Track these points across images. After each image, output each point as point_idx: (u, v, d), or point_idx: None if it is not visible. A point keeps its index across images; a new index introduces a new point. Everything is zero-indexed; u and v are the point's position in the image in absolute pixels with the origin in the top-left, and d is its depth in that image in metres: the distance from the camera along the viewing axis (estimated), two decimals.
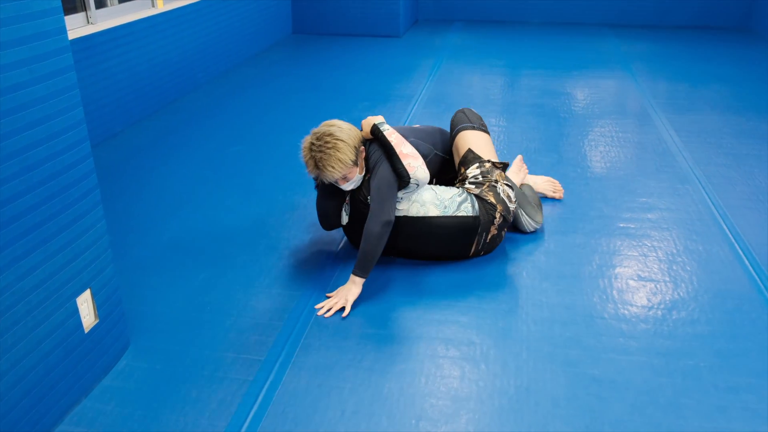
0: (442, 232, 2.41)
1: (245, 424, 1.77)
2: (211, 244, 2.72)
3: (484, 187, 2.48)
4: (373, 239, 2.23)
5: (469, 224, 2.40)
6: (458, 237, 2.43)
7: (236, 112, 4.45)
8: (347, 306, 2.25)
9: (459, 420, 1.78)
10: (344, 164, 2.25)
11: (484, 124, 2.75)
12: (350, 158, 2.27)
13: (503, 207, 2.45)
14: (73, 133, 1.68)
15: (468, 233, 2.42)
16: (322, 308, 2.26)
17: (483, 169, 2.53)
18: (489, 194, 2.45)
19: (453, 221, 2.39)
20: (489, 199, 2.43)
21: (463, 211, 2.40)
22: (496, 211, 2.43)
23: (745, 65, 5.54)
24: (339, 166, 2.25)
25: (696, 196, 3.09)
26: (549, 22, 7.58)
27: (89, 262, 1.82)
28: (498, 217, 2.44)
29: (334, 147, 2.24)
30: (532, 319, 2.21)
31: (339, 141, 2.25)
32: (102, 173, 3.42)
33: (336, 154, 2.23)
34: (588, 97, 4.70)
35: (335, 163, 2.24)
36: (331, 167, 2.24)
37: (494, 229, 2.45)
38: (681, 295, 2.33)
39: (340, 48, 6.34)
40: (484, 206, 2.42)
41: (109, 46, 3.91)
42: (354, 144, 2.29)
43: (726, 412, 1.80)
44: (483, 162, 2.56)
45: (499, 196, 2.46)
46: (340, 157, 2.24)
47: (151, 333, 2.16)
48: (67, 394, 1.80)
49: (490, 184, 2.48)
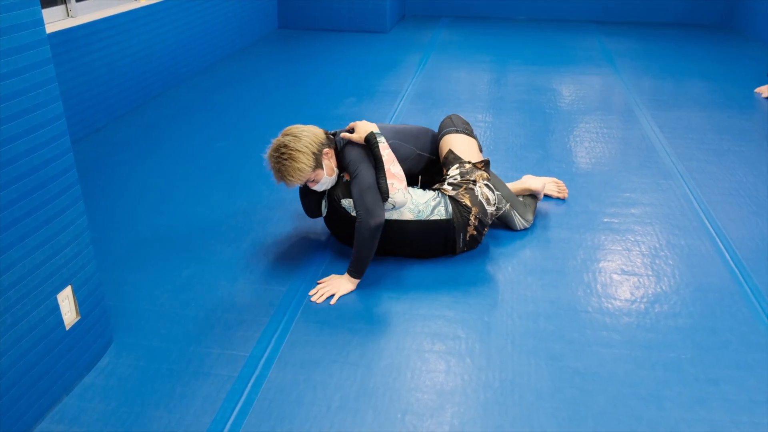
0: (416, 236, 2.43)
1: (230, 420, 1.77)
2: (196, 239, 2.70)
3: (461, 189, 2.47)
4: (366, 242, 2.29)
5: (442, 227, 2.42)
6: (434, 239, 2.45)
7: (221, 108, 4.42)
8: (336, 296, 2.30)
9: (444, 414, 1.79)
10: (303, 172, 2.30)
11: (470, 128, 2.76)
12: (308, 166, 2.31)
13: (479, 209, 2.44)
14: (52, 128, 1.66)
15: (443, 235, 2.44)
16: (315, 294, 2.32)
17: (462, 170, 2.53)
18: (465, 197, 2.44)
19: (426, 225, 2.42)
20: (464, 202, 2.43)
21: (436, 215, 2.41)
22: (471, 214, 2.42)
23: (727, 62, 5.60)
24: (298, 175, 2.30)
25: (678, 192, 3.12)
26: (535, 18, 7.60)
27: (70, 258, 1.80)
28: (473, 219, 2.43)
29: (290, 158, 2.28)
30: (517, 313, 2.22)
31: (294, 152, 2.28)
32: (84, 169, 3.39)
33: (293, 164, 2.28)
34: (573, 94, 4.72)
35: (294, 172, 2.29)
36: (291, 177, 2.30)
37: (471, 229, 2.45)
38: (663, 289, 2.35)
39: (326, 43, 6.32)
40: (458, 208, 2.42)
41: (91, 39, 3.86)
42: (312, 150, 2.31)
43: (706, 404, 1.82)
44: (463, 163, 2.56)
45: (476, 198, 2.45)
46: (297, 166, 2.28)
47: (134, 329, 2.15)
48: (48, 391, 1.78)
49: (468, 186, 2.47)
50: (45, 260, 1.69)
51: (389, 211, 2.40)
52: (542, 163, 3.44)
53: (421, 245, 2.47)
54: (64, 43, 3.63)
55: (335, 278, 2.37)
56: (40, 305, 1.70)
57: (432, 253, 2.52)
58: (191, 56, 5.14)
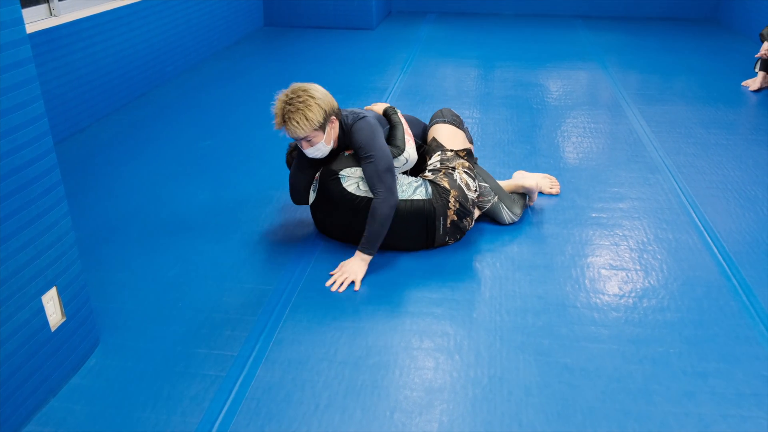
0: (397, 219, 2.40)
1: (218, 420, 1.75)
2: (182, 239, 2.68)
3: (440, 173, 2.53)
4: (383, 220, 2.32)
5: (423, 208, 2.43)
6: (415, 225, 2.45)
7: (207, 106, 4.39)
8: (357, 281, 2.32)
9: (433, 411, 1.79)
10: (310, 123, 2.27)
11: (459, 120, 2.79)
12: (318, 119, 2.28)
13: (458, 192, 2.47)
14: (33, 128, 1.64)
15: (424, 218, 2.44)
16: (333, 284, 2.33)
17: (443, 157, 2.60)
18: (443, 180, 2.49)
19: (409, 206, 2.43)
20: (442, 184, 2.47)
21: (418, 195, 2.45)
22: (450, 195, 2.45)
23: (713, 56, 5.63)
24: (304, 124, 2.26)
25: (666, 186, 3.13)
26: (522, 14, 7.61)
27: (54, 259, 1.78)
28: (452, 201, 2.45)
29: (305, 103, 2.25)
30: (505, 309, 2.22)
31: (312, 99, 2.26)
32: (68, 169, 3.36)
33: (305, 111, 2.25)
34: (560, 89, 4.73)
35: (301, 119, 2.26)
36: (296, 122, 2.26)
37: (452, 214, 2.46)
38: (651, 283, 2.36)
39: (312, 41, 6.30)
40: (437, 190, 2.46)
41: (74, 39, 3.82)
42: (326, 108, 2.30)
43: (694, 397, 1.82)
44: (445, 150, 2.62)
45: (454, 182, 2.49)
46: (308, 115, 2.25)
47: (121, 330, 2.13)
48: (34, 394, 1.76)
49: (447, 171, 2.53)
50: (28, 262, 1.67)
51: (398, 169, 2.49)
52: (530, 158, 3.45)
53: (402, 231, 2.45)
54: (46, 42, 3.59)
55: (347, 264, 2.37)
56: (24, 307, 1.68)
57: (412, 242, 2.52)
58: (176, 55, 5.10)
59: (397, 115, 2.61)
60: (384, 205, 2.32)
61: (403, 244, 2.53)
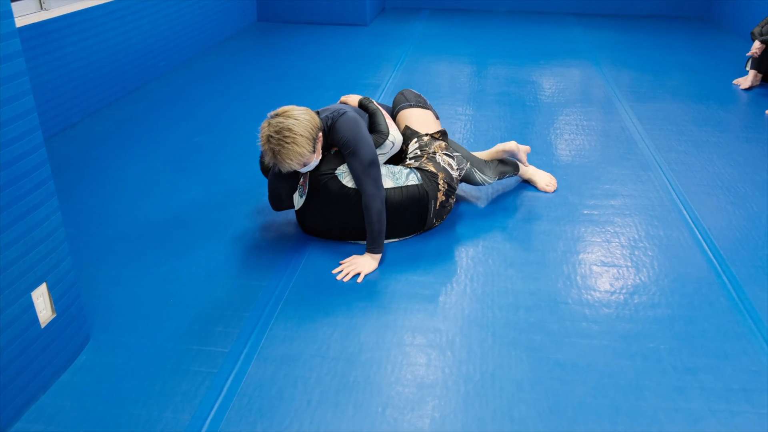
0: (394, 207, 2.47)
1: (210, 417, 1.75)
2: (174, 235, 2.67)
3: (423, 159, 2.59)
4: (378, 216, 2.38)
5: (417, 193, 2.49)
6: (409, 210, 2.51)
7: (200, 102, 4.37)
8: (362, 275, 2.37)
9: (425, 407, 1.79)
10: (302, 156, 2.29)
11: (423, 99, 2.86)
12: (308, 150, 2.30)
13: (445, 174, 2.56)
14: (23, 122, 1.63)
15: (417, 202, 2.50)
16: (339, 273, 2.39)
17: (421, 143, 2.65)
18: (428, 164, 2.56)
19: (405, 192, 2.48)
20: (429, 169, 2.55)
21: (411, 180, 2.51)
22: (439, 178, 2.53)
23: (705, 54, 5.65)
24: (297, 159, 2.29)
25: (658, 183, 3.14)
26: (515, 11, 7.61)
27: (44, 255, 1.77)
28: (442, 183, 2.54)
29: (293, 142, 2.25)
30: (497, 305, 2.22)
31: (298, 136, 2.26)
32: (59, 164, 3.34)
33: (294, 148, 2.26)
34: (553, 86, 4.74)
35: (294, 156, 2.27)
36: (290, 160, 2.28)
37: (441, 195, 2.55)
38: (642, 280, 2.37)
39: (306, 36, 6.28)
40: (426, 176, 2.53)
41: (65, 33, 3.79)
42: (312, 135, 2.31)
43: (684, 393, 1.83)
44: (420, 136, 2.68)
45: (439, 165, 2.57)
46: (298, 150, 2.27)
47: (112, 327, 2.12)
48: (24, 390, 1.75)
49: (428, 156, 2.60)
50: (18, 257, 1.66)
51: (386, 155, 2.55)
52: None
53: (398, 219, 2.50)
54: (37, 37, 3.56)
55: (357, 257, 2.43)
56: (14, 303, 1.67)
57: (406, 228, 2.57)
58: (169, 50, 5.08)
59: (373, 103, 2.64)
60: (375, 201, 2.36)
61: (398, 232, 2.57)
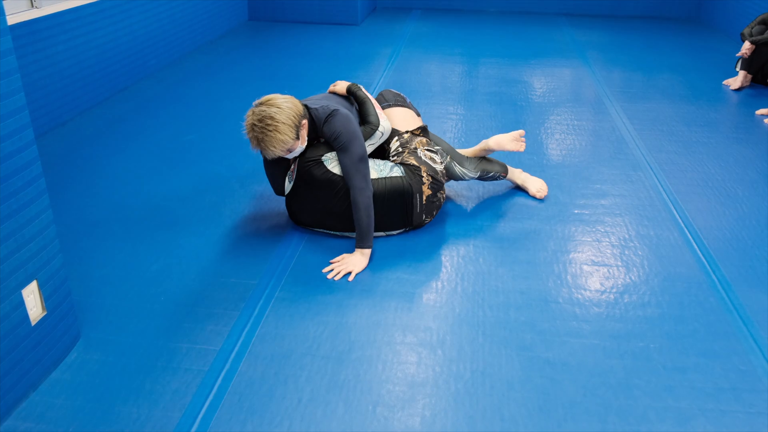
0: (379, 198, 2.49)
1: (200, 415, 1.75)
2: (165, 233, 2.66)
3: (404, 154, 2.63)
4: (366, 210, 2.41)
5: (401, 184, 2.53)
6: (394, 202, 2.53)
7: (190, 101, 4.36)
8: (353, 274, 2.38)
9: (416, 405, 1.79)
10: (285, 144, 2.36)
11: (402, 98, 2.92)
12: (291, 138, 2.36)
13: (427, 167, 2.60)
14: (13, 120, 1.62)
15: (401, 194, 2.53)
16: (330, 272, 2.39)
17: (402, 141, 2.70)
18: (410, 158, 2.61)
19: (388, 183, 2.51)
20: (411, 162, 2.59)
21: (395, 173, 2.55)
22: (422, 171, 2.57)
23: (695, 55, 5.69)
24: (280, 146, 2.36)
25: (648, 183, 3.16)
26: (506, 11, 7.63)
27: (35, 252, 1.76)
28: (426, 176, 2.57)
29: (275, 129, 2.32)
30: (488, 304, 2.23)
31: (280, 124, 2.32)
32: (50, 162, 3.32)
33: (277, 135, 2.32)
34: (544, 86, 4.76)
35: (277, 143, 2.34)
36: (273, 147, 2.35)
37: (427, 189, 2.57)
38: (632, 279, 2.39)
39: (297, 35, 6.27)
40: (409, 169, 2.57)
41: (55, 31, 3.77)
42: (294, 123, 2.37)
43: (674, 392, 1.85)
44: (401, 134, 2.72)
45: (420, 159, 2.61)
46: (281, 138, 2.33)
47: (103, 324, 2.11)
48: (14, 388, 1.74)
49: (410, 151, 2.64)
50: (8, 255, 1.65)
51: (375, 144, 2.61)
52: (514, 155, 3.46)
53: (380, 209, 2.51)
54: (28, 35, 3.54)
55: (348, 256, 2.45)
56: (4, 301, 1.66)
57: (391, 220, 2.58)
58: (159, 48, 5.06)
59: (361, 90, 2.69)
60: (363, 196, 2.40)
61: (383, 224, 2.58)
